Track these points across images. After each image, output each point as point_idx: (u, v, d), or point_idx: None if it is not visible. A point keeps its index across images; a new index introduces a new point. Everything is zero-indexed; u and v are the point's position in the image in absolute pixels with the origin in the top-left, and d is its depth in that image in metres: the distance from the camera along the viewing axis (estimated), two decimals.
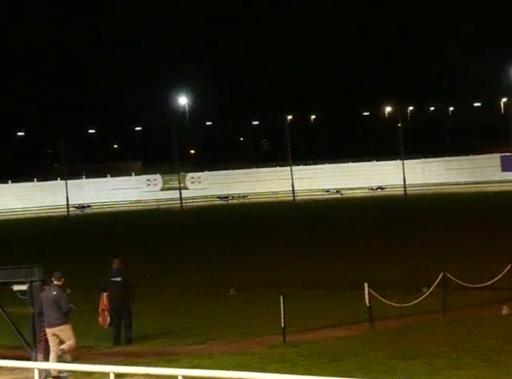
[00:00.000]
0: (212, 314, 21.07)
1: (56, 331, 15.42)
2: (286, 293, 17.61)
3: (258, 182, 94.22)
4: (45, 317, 15.48)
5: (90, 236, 52.22)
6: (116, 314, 18.02)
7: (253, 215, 64.53)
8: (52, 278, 15.73)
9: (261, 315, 20.07)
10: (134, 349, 17.57)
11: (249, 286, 25.08)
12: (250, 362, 15.02)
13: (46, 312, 15.47)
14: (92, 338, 18.11)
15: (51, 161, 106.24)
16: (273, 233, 44.53)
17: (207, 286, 25.85)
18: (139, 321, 19.10)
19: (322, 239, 39.55)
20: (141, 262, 31.10)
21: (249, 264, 31.07)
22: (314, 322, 18.83)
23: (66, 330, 15.46)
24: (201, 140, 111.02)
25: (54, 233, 57.40)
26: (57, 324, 15.43)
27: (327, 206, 70.80)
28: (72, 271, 16.40)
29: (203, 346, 17.29)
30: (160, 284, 26.90)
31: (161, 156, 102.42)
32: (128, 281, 18.41)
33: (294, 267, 29.21)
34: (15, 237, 54.63)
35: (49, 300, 15.44)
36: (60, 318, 15.44)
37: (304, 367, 14.35)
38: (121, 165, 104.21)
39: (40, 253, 36.54)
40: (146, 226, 59.25)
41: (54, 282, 15.70)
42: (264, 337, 17.55)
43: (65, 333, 15.45)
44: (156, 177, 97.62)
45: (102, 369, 14.78)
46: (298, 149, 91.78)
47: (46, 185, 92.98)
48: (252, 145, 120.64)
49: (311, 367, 14.31)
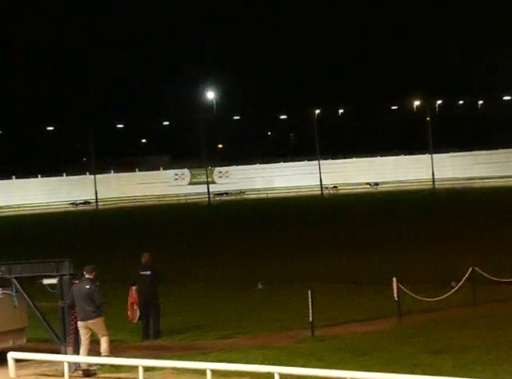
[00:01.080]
0: (240, 308, 21.11)
1: (89, 324, 15.51)
2: (313, 288, 17.60)
3: (285, 176, 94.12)
4: (78, 311, 15.54)
5: (119, 230, 52.47)
6: (145, 308, 18.11)
7: (280, 209, 64.49)
8: (83, 272, 15.81)
9: (289, 309, 20.08)
10: (162, 342, 17.65)
11: (277, 281, 25.09)
12: (278, 356, 15.03)
13: (78, 305, 15.52)
14: (121, 332, 18.20)
15: (80, 156, 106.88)
16: (300, 228, 44.49)
17: (235, 280, 25.89)
18: (168, 314, 19.19)
19: (350, 233, 39.45)
20: (169, 256, 31.20)
21: (276, 258, 31.07)
22: (342, 317, 18.81)
23: (99, 323, 15.55)
24: (228, 134, 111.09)
25: (82, 227, 57.73)
26: (90, 317, 15.50)
27: (356, 200, 70.59)
28: (100, 265, 16.46)
29: (231, 340, 17.33)
30: (188, 278, 26.99)
31: (188, 150, 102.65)
32: (157, 275, 18.50)
33: (322, 261, 29.18)
34: (45, 231, 55.04)
35: (82, 293, 15.50)
36: (94, 311, 15.52)
37: (332, 361, 14.34)
38: (149, 160, 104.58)
39: (69, 246, 36.79)
40: (174, 221, 59.43)
41: (85, 276, 15.77)
42: (292, 332, 17.57)
43: (98, 326, 15.54)
44: (184, 172, 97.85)
45: (130, 362, 14.90)
46: (326, 143, 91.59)
47: (75, 179, 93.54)
48: (279, 139, 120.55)
49: (339, 361, 14.31)
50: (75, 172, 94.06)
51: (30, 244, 42.64)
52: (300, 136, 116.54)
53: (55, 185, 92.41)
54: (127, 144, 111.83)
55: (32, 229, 59.44)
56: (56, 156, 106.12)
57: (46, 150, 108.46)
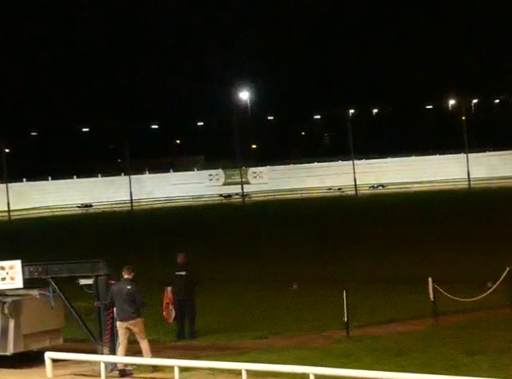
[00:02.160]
0: (275, 308, 21.10)
1: (130, 325, 15.53)
2: (349, 288, 17.55)
3: (319, 176, 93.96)
4: (117, 311, 15.55)
5: (153, 230, 52.69)
6: (180, 308, 18.16)
7: (314, 209, 64.39)
8: (122, 272, 15.86)
9: (324, 309, 20.03)
10: (197, 343, 17.69)
11: (312, 281, 25.05)
12: (314, 357, 15.00)
13: (119, 306, 15.53)
14: (156, 332, 18.27)
15: (115, 157, 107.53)
16: (335, 228, 44.39)
17: (270, 280, 25.89)
18: (203, 315, 19.23)
19: (385, 233, 39.29)
20: (204, 256, 31.26)
21: (312, 258, 31.03)
22: (378, 317, 18.73)
23: (139, 324, 15.59)
24: (262, 134, 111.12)
25: (117, 228, 58.07)
26: (131, 318, 15.52)
27: (390, 201, 70.29)
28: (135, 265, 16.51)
29: (266, 340, 17.33)
30: (223, 278, 27.03)
31: (223, 151, 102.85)
32: (192, 275, 18.54)
33: (358, 261, 29.09)
34: (80, 232, 55.41)
35: (123, 294, 15.51)
36: (134, 312, 15.54)
37: (367, 362, 14.29)
38: (183, 161, 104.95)
39: (105, 247, 37.01)
40: (209, 221, 59.56)
41: (124, 276, 15.82)
42: (327, 332, 17.52)
43: (138, 327, 15.58)
44: (218, 172, 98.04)
45: (166, 362, 14.95)
46: (360, 142, 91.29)
47: (110, 180, 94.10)
48: (313, 139, 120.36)
49: (374, 362, 14.25)
50: (110, 173, 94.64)
51: (65, 244, 42.95)
52: (334, 136, 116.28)
53: (90, 186, 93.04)
54: (162, 145, 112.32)
55: (67, 229, 59.87)
56: (91, 157, 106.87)
57: (81, 151, 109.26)
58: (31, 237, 53.72)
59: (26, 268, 16.33)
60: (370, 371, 12.78)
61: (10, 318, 15.94)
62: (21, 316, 16.02)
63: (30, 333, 16.11)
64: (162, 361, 15.08)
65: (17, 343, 15.92)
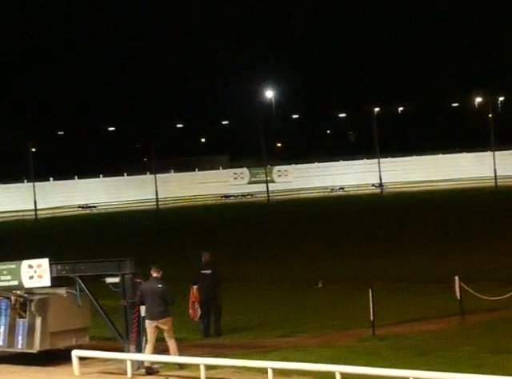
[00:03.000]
0: (300, 307, 21.09)
1: (160, 324, 15.55)
2: (374, 287, 17.51)
3: (344, 175, 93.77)
4: (147, 310, 15.53)
5: (179, 229, 52.84)
6: (206, 307, 18.21)
7: (339, 208, 64.28)
8: (151, 271, 15.90)
9: (349, 308, 20.01)
10: (223, 341, 17.72)
11: (337, 279, 25.02)
12: (339, 355, 14.98)
13: (149, 305, 15.50)
14: (182, 330, 18.31)
15: (141, 156, 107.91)
16: (360, 226, 44.29)
17: (295, 279, 25.89)
18: (228, 313, 19.26)
19: (410, 232, 39.14)
20: (230, 255, 31.31)
21: (336, 257, 30.98)
22: (403, 316, 18.68)
23: (168, 323, 15.63)
24: (287, 133, 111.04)
25: (143, 227, 58.26)
26: (162, 317, 15.54)
27: (416, 199, 70.00)
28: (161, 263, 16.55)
29: (292, 339, 17.32)
30: (249, 276, 27.06)
31: (248, 149, 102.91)
32: (218, 274, 18.58)
33: (383, 260, 29.01)
34: (106, 231, 55.65)
35: (153, 293, 15.51)
36: (165, 311, 15.57)
37: (393, 360, 14.26)
38: (208, 159, 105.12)
39: (131, 246, 37.16)
40: (233, 220, 59.62)
41: (153, 274, 15.85)
42: (353, 331, 17.50)
43: (167, 326, 15.61)
44: (243, 171, 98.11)
45: (192, 360, 15.00)
46: (386, 141, 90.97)
47: (136, 179, 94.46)
48: (338, 137, 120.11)
49: (401, 360, 14.21)
50: (136, 172, 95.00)
51: (92, 243, 43.17)
52: (359, 134, 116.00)
53: (116, 185, 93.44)
54: (187, 144, 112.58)
55: (93, 228, 60.16)
56: (117, 156, 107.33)
57: (107, 150, 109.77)
58: (57, 235, 54.04)
59: (53, 266, 16.43)
60: (396, 369, 12.76)
61: (37, 316, 16.05)
62: (47, 314, 16.12)
63: (57, 331, 16.21)
64: (188, 359, 15.13)
65: (43, 341, 16.02)
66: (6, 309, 16.30)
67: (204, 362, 14.52)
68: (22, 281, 16.42)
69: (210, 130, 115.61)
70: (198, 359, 14.81)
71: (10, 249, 38.46)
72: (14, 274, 16.52)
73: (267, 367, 13.76)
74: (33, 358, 16.46)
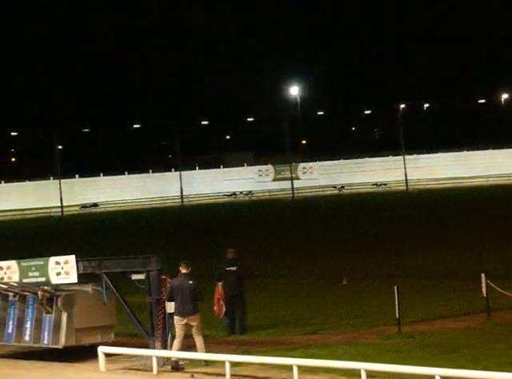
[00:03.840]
0: (325, 304, 21.04)
1: (189, 320, 15.54)
2: (400, 284, 17.43)
3: (369, 172, 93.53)
4: (177, 307, 15.52)
5: (204, 226, 52.94)
6: (231, 303, 18.21)
7: (365, 205, 64.13)
8: (179, 267, 15.92)
9: (374, 305, 19.94)
10: (248, 338, 17.71)
11: (362, 276, 24.95)
12: (366, 352, 14.93)
13: (179, 301, 15.48)
14: (207, 327, 18.32)
15: (166, 153, 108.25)
16: (385, 223, 44.15)
17: (320, 276, 25.84)
18: (253, 310, 19.25)
19: (437, 229, 38.96)
20: (254, 252, 31.32)
21: (362, 254, 30.91)
22: (429, 313, 18.58)
23: (197, 319, 15.64)
24: (312, 130, 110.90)
25: (168, 224, 58.42)
26: (192, 313, 15.54)
27: (441, 196, 69.68)
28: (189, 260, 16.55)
29: (317, 336, 17.28)
30: (273, 273, 27.05)
31: (272, 146, 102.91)
32: (243, 271, 18.57)
33: (408, 257, 28.90)
34: (131, 228, 55.87)
35: (184, 289, 15.50)
36: (195, 308, 15.57)
37: (419, 358, 14.18)
38: (233, 156, 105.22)
39: (155, 242, 37.27)
40: (258, 217, 59.63)
41: (181, 271, 15.86)
42: (378, 328, 17.43)
43: (196, 323, 15.63)
44: (268, 168, 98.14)
45: (217, 357, 15.00)
46: (411, 138, 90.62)
47: (161, 176, 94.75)
48: (364, 134, 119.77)
49: (427, 358, 14.14)
50: (161, 169, 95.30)
51: (117, 240, 43.35)
52: (384, 131, 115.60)
53: (141, 181, 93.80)
54: (212, 141, 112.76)
55: (119, 225, 60.42)
56: (142, 153, 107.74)
57: (133, 148, 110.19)
58: (83, 232, 54.33)
59: (80, 263, 16.50)
60: (422, 367, 12.68)
61: (63, 312, 16.11)
62: (73, 310, 16.18)
63: (82, 327, 16.26)
64: (214, 356, 15.13)
65: (69, 336, 16.08)
66: (33, 305, 16.40)
67: (229, 359, 14.52)
68: (49, 278, 16.51)
69: (235, 127, 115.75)
70: (224, 356, 14.81)
71: (37, 246, 38.74)
72: (41, 271, 16.63)
73: (292, 364, 13.73)
74: (59, 354, 16.54)
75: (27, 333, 16.41)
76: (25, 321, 16.47)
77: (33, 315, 16.40)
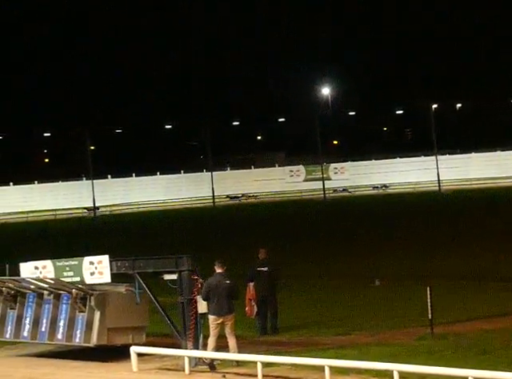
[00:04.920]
0: (357, 305, 20.97)
1: (226, 319, 15.57)
2: (432, 285, 17.32)
3: (401, 172, 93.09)
4: (214, 306, 15.53)
5: (236, 226, 52.98)
6: (262, 304, 18.20)
7: (396, 206, 63.82)
8: (215, 266, 15.93)
9: (407, 306, 19.83)
10: (279, 338, 17.70)
11: (394, 277, 24.83)
12: (398, 353, 14.85)
13: (216, 300, 15.49)
14: (239, 327, 18.32)
15: (197, 154, 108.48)
16: (418, 224, 43.91)
17: (352, 277, 25.76)
18: (285, 310, 19.24)
19: (469, 229, 38.68)
20: (286, 252, 31.30)
21: (394, 255, 30.76)
22: (462, 314, 18.45)
23: (233, 318, 15.69)
24: (344, 130, 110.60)
25: (200, 224, 58.53)
26: (229, 313, 15.59)
27: (474, 196, 69.18)
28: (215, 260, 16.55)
29: (349, 337, 17.24)
30: (305, 274, 27.01)
31: (304, 147, 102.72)
32: (274, 271, 18.56)
33: (441, 258, 28.72)
34: (163, 228, 56.04)
35: (222, 288, 15.53)
36: (231, 307, 15.62)
37: (452, 359, 14.09)
38: (264, 157, 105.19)
39: (187, 243, 37.36)
40: (289, 217, 59.57)
41: (217, 270, 15.85)
42: (411, 329, 17.34)
43: (231, 322, 15.67)
44: (299, 168, 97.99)
45: (249, 357, 15.00)
46: (443, 138, 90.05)
47: (192, 176, 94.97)
48: (395, 134, 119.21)
49: (460, 359, 14.04)
50: (192, 169, 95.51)
51: (149, 240, 43.51)
52: (416, 131, 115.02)
53: (173, 182, 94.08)
54: (243, 141, 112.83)
55: (151, 225, 60.64)
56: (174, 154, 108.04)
57: (164, 148, 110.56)
58: (115, 232, 54.59)
59: (113, 263, 16.59)
60: (455, 368, 12.60)
61: (96, 310, 16.19)
62: (106, 309, 16.25)
63: (114, 327, 16.32)
64: (245, 357, 15.14)
65: (100, 335, 16.15)
66: (67, 304, 16.50)
67: (261, 359, 14.51)
68: (83, 278, 16.62)
69: (266, 128, 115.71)
70: (255, 356, 14.81)
71: (70, 246, 38.99)
72: (76, 270, 16.75)
73: (324, 365, 13.70)
74: (91, 354, 16.63)
75: (60, 331, 16.51)
76: (58, 319, 16.58)
77: (66, 314, 16.51)
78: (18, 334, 17.12)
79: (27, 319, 17.02)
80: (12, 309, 17.26)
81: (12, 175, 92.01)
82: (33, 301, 17.04)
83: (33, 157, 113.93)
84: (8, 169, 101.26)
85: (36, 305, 16.97)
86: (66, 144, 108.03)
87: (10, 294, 17.25)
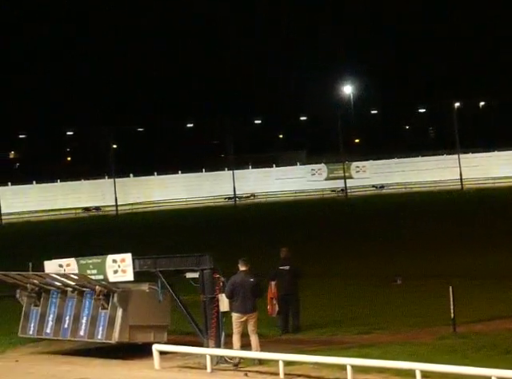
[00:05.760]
0: (379, 303, 20.92)
1: (250, 317, 15.60)
2: (455, 283, 17.26)
3: (423, 171, 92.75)
4: (239, 304, 15.58)
5: (257, 225, 53.00)
6: (284, 302, 18.20)
7: (419, 204, 63.60)
8: (238, 264, 15.95)
9: (429, 305, 19.77)
10: (301, 337, 17.70)
11: (416, 276, 24.76)
12: (420, 352, 14.81)
13: (240, 298, 15.55)
14: (260, 326, 18.32)
15: (219, 152, 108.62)
16: (440, 222, 43.74)
17: (374, 275, 25.71)
18: (306, 309, 19.23)
19: (491, 229, 38.47)
20: (307, 251, 31.27)
21: (416, 253, 30.67)
22: (485, 313, 18.36)
23: (256, 317, 15.73)
24: (366, 128, 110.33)
25: (222, 223, 58.60)
26: (253, 311, 15.63)
27: (498, 195, 68.79)
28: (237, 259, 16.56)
29: (370, 336, 17.20)
30: (326, 273, 26.98)
31: (325, 145, 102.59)
32: (296, 270, 18.56)
33: (463, 257, 28.60)
34: (185, 226, 56.14)
35: (245, 287, 15.57)
36: (255, 305, 15.66)
37: (475, 359, 14.02)
38: (286, 155, 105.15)
39: (209, 241, 37.42)
40: (311, 216, 59.51)
41: (240, 268, 15.86)
42: (433, 328, 17.28)
43: (254, 321, 15.70)
44: (321, 167, 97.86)
45: (271, 356, 15.01)
46: (466, 136, 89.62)
47: (214, 175, 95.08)
48: (418, 132, 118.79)
49: (483, 359, 13.98)
50: (214, 168, 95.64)
51: (170, 238, 43.61)
52: (439, 129, 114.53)
53: (194, 180, 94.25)
54: (265, 139, 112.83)
55: (172, 224, 60.77)
56: (195, 152, 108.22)
57: (186, 147, 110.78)
58: (137, 231, 54.76)
59: (136, 261, 16.64)
60: (478, 368, 12.54)
61: (119, 307, 16.25)
62: (129, 306, 16.30)
63: (136, 324, 16.37)
64: (267, 355, 15.15)
65: (122, 333, 16.21)
66: (91, 300, 16.58)
67: (283, 358, 14.51)
68: (106, 276, 16.69)
69: (287, 126, 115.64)
70: (277, 355, 14.81)
71: (93, 244, 39.17)
72: (99, 268, 16.83)
73: (346, 364, 13.68)
74: (113, 352, 16.70)
75: (82, 328, 16.59)
76: (81, 316, 16.67)
77: (89, 311, 16.59)
78: (41, 331, 17.23)
79: (50, 316, 17.13)
80: (36, 305, 17.38)
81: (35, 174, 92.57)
82: (56, 298, 17.14)
83: (55, 155, 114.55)
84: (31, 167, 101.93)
85: (60, 302, 17.06)
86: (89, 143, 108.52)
87: (35, 291, 17.37)
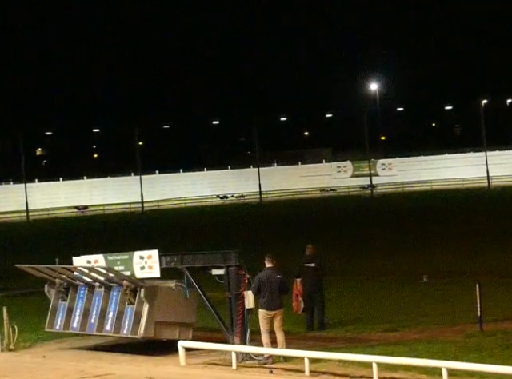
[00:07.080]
0: (404, 302, 20.86)
1: (277, 314, 15.61)
2: (481, 281, 17.16)
3: (450, 168, 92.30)
4: (266, 300, 15.57)
5: (282, 222, 52.97)
6: (309, 300, 18.18)
7: (445, 201, 63.31)
8: (265, 261, 15.97)
9: (455, 303, 19.68)
10: (326, 334, 17.67)
11: (442, 274, 24.65)
12: (447, 350, 14.74)
13: (268, 295, 15.54)
14: (286, 323, 18.30)
15: (244, 149, 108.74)
16: (467, 220, 43.51)
17: (400, 273, 25.63)
18: (332, 307, 19.20)
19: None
20: (333, 248, 31.23)
21: (441, 251, 30.53)
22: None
23: (283, 313, 15.74)
24: (392, 126, 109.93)
25: (246, 219, 58.62)
26: (280, 307, 15.63)
27: None
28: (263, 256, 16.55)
29: (396, 333, 17.14)
30: (353, 270, 26.93)
31: (351, 142, 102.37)
32: (321, 267, 18.54)
33: (491, 254, 28.43)
34: (210, 223, 56.22)
35: (273, 283, 15.57)
36: (281, 302, 15.67)
37: (502, 357, 13.93)
38: (311, 152, 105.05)
39: (234, 238, 37.46)
40: (337, 213, 59.41)
41: (267, 265, 15.86)
42: (459, 326, 17.20)
43: (282, 317, 15.71)
44: (346, 164, 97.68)
45: (296, 353, 15.00)
46: (493, 133, 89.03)
47: (239, 172, 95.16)
48: (444, 130, 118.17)
49: (510, 357, 13.88)
50: (239, 165, 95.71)
51: (195, 235, 43.71)
52: (466, 127, 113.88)
53: (220, 177, 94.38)
54: (290, 137, 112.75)
55: (198, 220, 60.89)
56: (221, 149, 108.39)
57: (212, 144, 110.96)
58: (163, 227, 54.93)
59: (162, 258, 16.69)
60: (505, 366, 12.47)
61: (145, 303, 16.29)
62: (155, 302, 16.34)
63: (162, 321, 16.39)
64: (292, 352, 15.14)
65: (148, 328, 16.24)
66: (118, 296, 16.65)
67: (308, 355, 14.50)
68: (133, 272, 16.75)
69: (313, 123, 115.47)
70: (302, 352, 14.79)
71: (119, 241, 39.35)
72: (126, 265, 16.90)
73: (372, 361, 13.65)
74: (139, 348, 16.76)
75: (109, 323, 16.66)
76: (108, 311, 16.73)
77: (116, 306, 16.65)
78: (68, 326, 17.33)
79: (77, 311, 17.22)
80: (64, 300, 17.50)
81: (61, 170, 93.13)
82: (84, 293, 17.23)
83: (82, 153, 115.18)
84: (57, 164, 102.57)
85: (87, 297, 17.15)
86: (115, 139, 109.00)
87: (63, 286, 17.48)
